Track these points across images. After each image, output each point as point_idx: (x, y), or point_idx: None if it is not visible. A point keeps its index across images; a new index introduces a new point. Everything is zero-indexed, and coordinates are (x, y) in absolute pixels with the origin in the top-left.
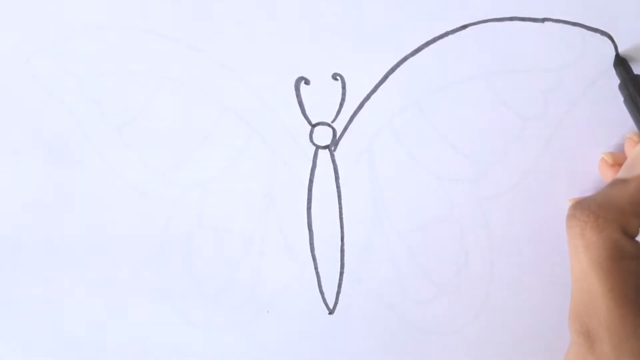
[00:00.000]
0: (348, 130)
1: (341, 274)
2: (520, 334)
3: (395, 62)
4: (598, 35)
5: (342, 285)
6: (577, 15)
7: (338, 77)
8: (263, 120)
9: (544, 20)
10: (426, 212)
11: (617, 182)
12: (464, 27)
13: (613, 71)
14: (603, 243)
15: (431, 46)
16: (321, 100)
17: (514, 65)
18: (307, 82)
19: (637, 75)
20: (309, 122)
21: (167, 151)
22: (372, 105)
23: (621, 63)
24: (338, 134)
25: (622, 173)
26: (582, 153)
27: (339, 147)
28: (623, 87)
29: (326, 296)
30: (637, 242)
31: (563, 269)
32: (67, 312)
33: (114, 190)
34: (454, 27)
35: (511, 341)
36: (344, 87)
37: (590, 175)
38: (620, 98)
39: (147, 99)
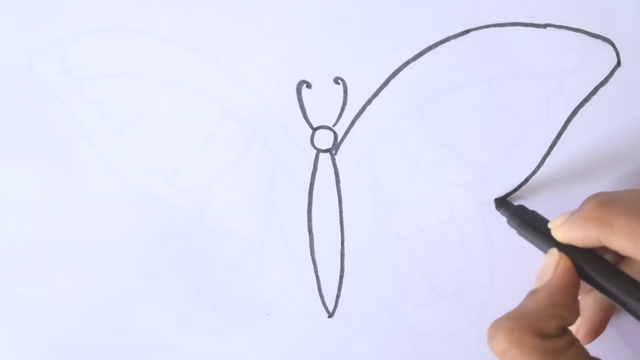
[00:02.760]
0: (349, 134)
1: (341, 277)
2: None
3: (397, 67)
4: (600, 41)
5: (342, 289)
6: (578, 21)
7: (340, 81)
8: (264, 124)
9: (545, 26)
10: (426, 216)
11: (529, 295)
12: (466, 32)
13: (614, 77)
14: (526, 355)
15: (433, 51)
16: (322, 103)
17: (516, 71)
18: (308, 86)
19: (519, 205)
20: (310, 126)
21: (168, 154)
22: (374, 109)
23: (502, 204)
24: (339, 138)
25: (534, 286)
26: (583, 159)
27: (340, 151)
28: (512, 223)
29: (326, 300)
30: (566, 331)
31: None
32: (67, 314)
33: (114, 192)
34: (456, 32)
35: None
36: (345, 91)
37: (591, 180)
38: (622, 104)
39: (148, 101)
